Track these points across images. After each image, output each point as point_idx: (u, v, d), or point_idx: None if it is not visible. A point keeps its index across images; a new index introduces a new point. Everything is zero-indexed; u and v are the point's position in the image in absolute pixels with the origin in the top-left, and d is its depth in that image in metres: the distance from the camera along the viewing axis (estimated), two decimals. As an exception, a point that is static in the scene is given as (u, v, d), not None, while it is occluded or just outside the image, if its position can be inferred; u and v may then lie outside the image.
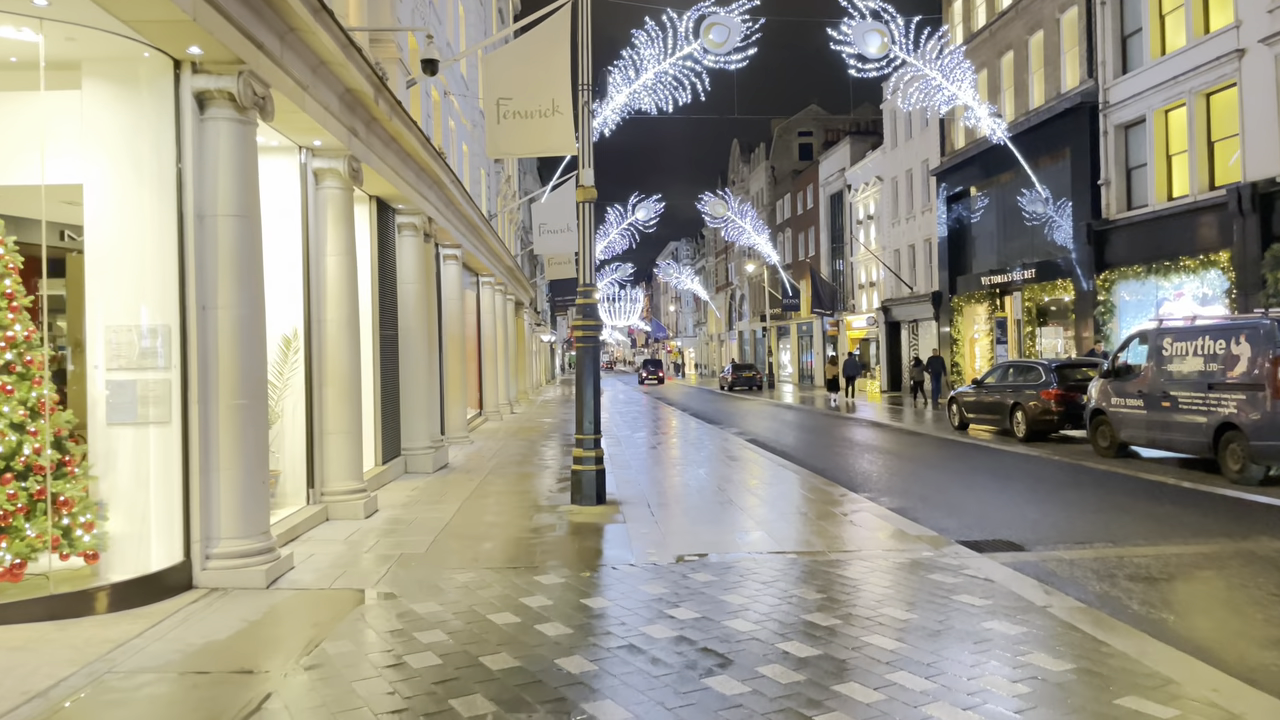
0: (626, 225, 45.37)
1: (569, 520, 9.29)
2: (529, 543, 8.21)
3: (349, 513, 9.38)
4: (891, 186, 40.28)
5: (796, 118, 65.81)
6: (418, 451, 13.37)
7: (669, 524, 8.98)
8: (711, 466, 13.72)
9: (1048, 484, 12.08)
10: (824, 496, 10.60)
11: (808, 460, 15.14)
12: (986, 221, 31.47)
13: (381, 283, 12.45)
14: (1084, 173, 24.72)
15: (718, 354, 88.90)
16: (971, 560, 7.24)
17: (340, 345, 9.55)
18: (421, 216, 13.45)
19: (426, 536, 8.49)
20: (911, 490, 11.85)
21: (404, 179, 12.22)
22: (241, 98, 6.70)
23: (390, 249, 12.98)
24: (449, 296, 17.90)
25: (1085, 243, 24.22)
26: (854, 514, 9.42)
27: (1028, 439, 16.94)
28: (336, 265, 9.56)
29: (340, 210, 9.58)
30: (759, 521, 9.03)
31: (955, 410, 20.06)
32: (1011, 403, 17.42)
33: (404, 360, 13.37)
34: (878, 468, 14.31)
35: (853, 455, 16.09)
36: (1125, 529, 8.96)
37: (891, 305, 39.75)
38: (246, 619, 5.90)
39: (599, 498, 10.14)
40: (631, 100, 21.54)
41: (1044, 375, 16.94)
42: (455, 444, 17.64)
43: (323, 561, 7.46)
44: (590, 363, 10.28)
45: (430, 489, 11.64)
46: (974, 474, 13.27)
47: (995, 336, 26.98)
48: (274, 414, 8.99)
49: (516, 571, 7.07)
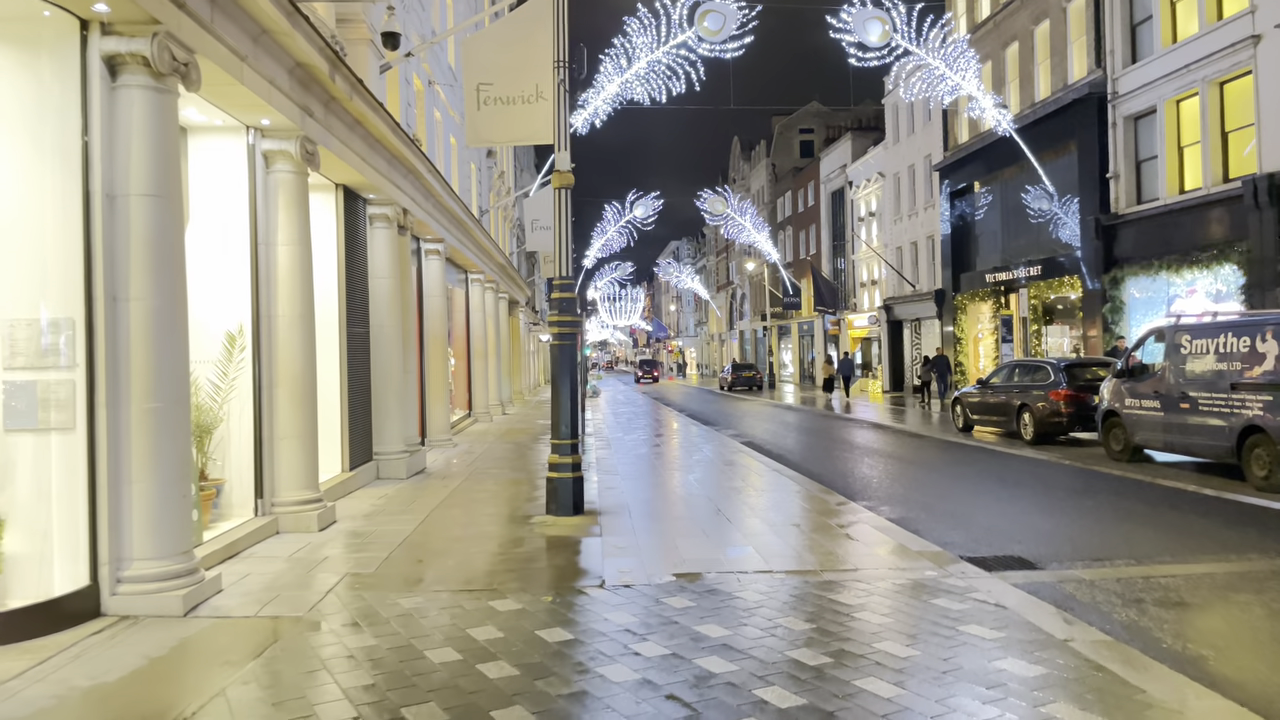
0: (624, 223, 44.74)
1: (541, 534, 8.52)
2: (492, 560, 7.45)
3: (301, 525, 8.62)
4: (894, 182, 39.50)
5: (797, 114, 65.01)
6: (390, 456, 12.61)
7: (650, 538, 8.21)
8: (703, 472, 12.95)
9: (1059, 491, 11.30)
10: (821, 506, 9.83)
11: (805, 465, 14.37)
12: (990, 217, 30.68)
13: (349, 277, 11.70)
14: (1092, 166, 23.91)
15: (719, 353, 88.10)
16: (980, 581, 6.47)
17: (293, 342, 8.80)
18: (395, 207, 12.70)
19: (381, 553, 7.73)
20: (913, 498, 11.08)
21: (373, 166, 11.47)
22: (157, 63, 5.94)
23: (360, 241, 12.23)
24: (431, 293, 17.16)
25: (1093, 238, 23.42)
26: (852, 526, 8.65)
27: (1036, 441, 16.15)
28: (289, 256, 8.80)
29: (293, 196, 8.82)
30: (748, 534, 8.27)
31: (959, 411, 19.28)
32: (1018, 404, 16.64)
33: (376, 359, 12.61)
34: (878, 473, 13.54)
35: (853, 459, 15.32)
36: (1147, 543, 8.18)
37: (894, 304, 38.96)
38: (149, 655, 5.15)
39: (576, 507, 9.38)
40: (624, 90, 20.77)
41: (1053, 375, 16.15)
42: (437, 447, 16.90)
43: (257, 583, 6.70)
44: (567, 361, 9.52)
45: (399, 497, 10.88)
46: (980, 480, 12.50)
47: (1000, 335, 26.19)
48: (217, 418, 8.24)
49: (472, 595, 6.31)
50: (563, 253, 9.60)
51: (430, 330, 17.11)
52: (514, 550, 7.81)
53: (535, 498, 10.60)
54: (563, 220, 9.65)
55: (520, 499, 10.62)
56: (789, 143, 64.59)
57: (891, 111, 39.59)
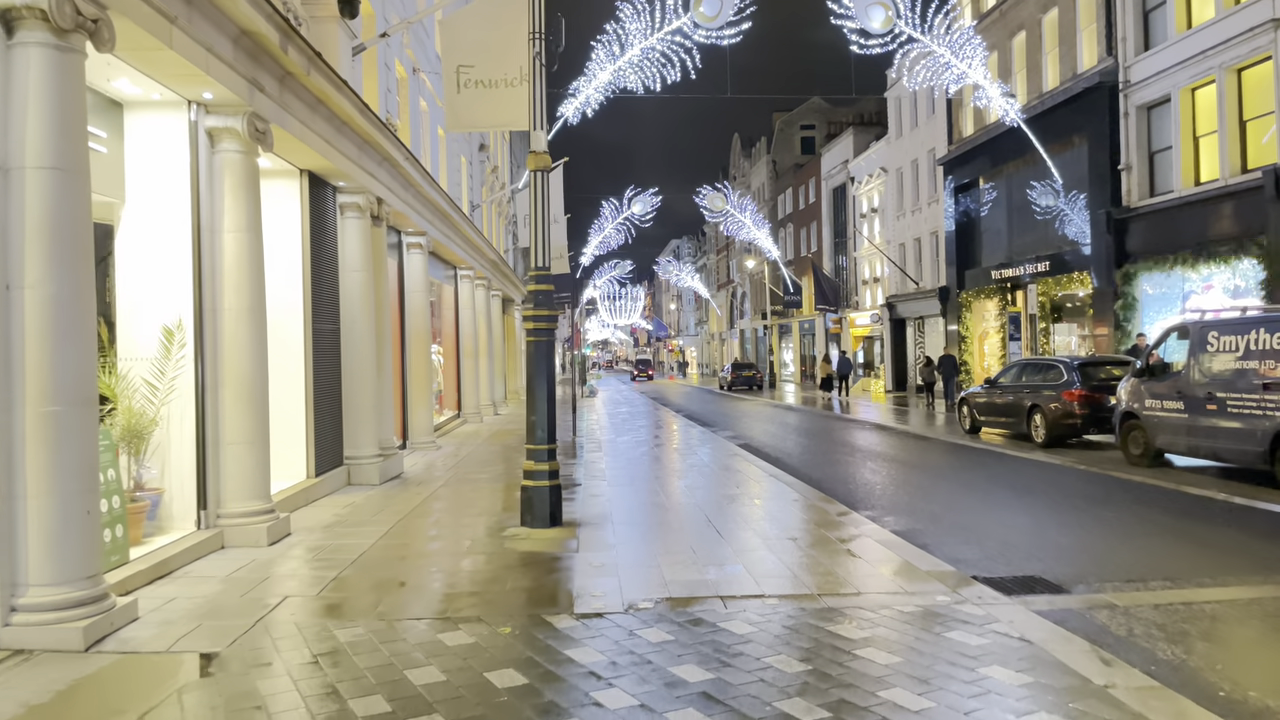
0: (622, 220, 43.98)
1: (512, 549, 7.75)
2: (452, 581, 6.67)
3: (249, 539, 7.85)
4: (896, 178, 38.68)
5: (798, 110, 64.16)
6: (363, 461, 11.84)
7: (631, 554, 7.43)
8: (696, 478, 12.17)
9: (1077, 499, 10.51)
10: (820, 516, 9.04)
11: (805, 470, 13.59)
12: (997, 213, 29.87)
13: (316, 269, 10.93)
14: (1103, 158, 23.10)
15: (719, 353, 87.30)
16: (1000, 608, 5.69)
17: (241, 339, 8.02)
18: (367, 196, 11.92)
19: (330, 571, 6.96)
20: (920, 507, 10.29)
21: (340, 151, 10.70)
22: (58, 17, 5.17)
23: (328, 231, 11.46)
24: (414, 288, 16.39)
25: (1104, 232, 22.61)
26: (854, 540, 7.87)
27: (1048, 444, 15.36)
28: (237, 243, 8.02)
29: (241, 178, 8.05)
30: (740, 550, 7.49)
31: (966, 413, 18.49)
32: (1029, 404, 15.84)
33: (347, 358, 11.84)
34: (882, 479, 12.75)
35: (855, 464, 14.53)
36: (1180, 560, 7.40)
37: (896, 301, 38.15)
38: (28, 702, 4.38)
39: (554, 519, 8.60)
40: (617, 78, 19.99)
41: (1065, 374, 15.36)
42: (420, 449, 16.14)
43: (181, 609, 5.93)
44: (543, 360, 8.73)
45: (367, 505, 10.11)
46: (991, 487, 11.71)
47: (1008, 333, 25.36)
48: (151, 421, 7.46)
49: (422, 624, 5.54)
50: (540, 241, 8.82)
51: (413, 327, 16.34)
52: (479, 569, 7.03)
53: (513, 506, 9.79)
54: (540, 205, 8.86)
55: (496, 508, 9.84)
56: (790, 139, 63.75)
57: (894, 105, 38.78)
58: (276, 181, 10.50)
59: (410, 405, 16.32)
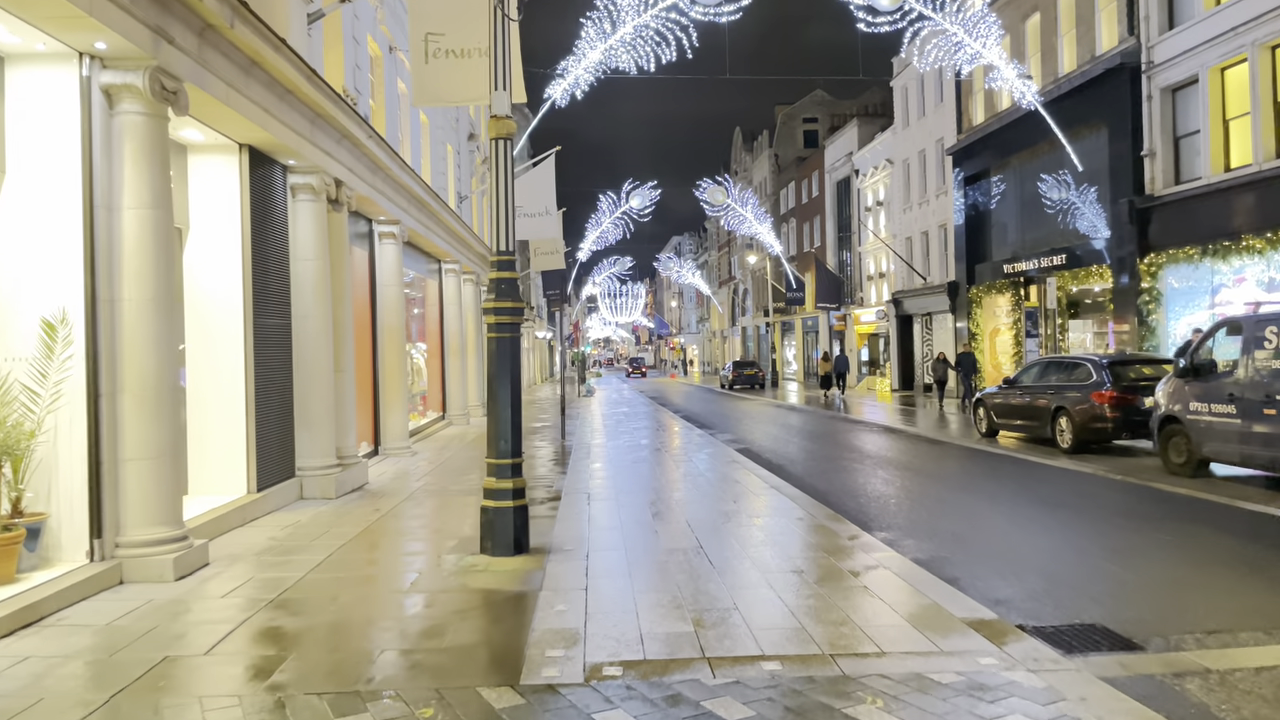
0: (620, 214, 42.77)
1: (463, 584, 6.51)
2: (378, 634, 5.44)
3: (152, 572, 6.62)
4: (903, 169, 37.39)
5: (801, 103, 62.80)
6: (317, 472, 10.60)
7: (605, 594, 6.20)
8: (690, 491, 10.93)
9: (1122, 517, 9.25)
10: (829, 541, 7.80)
11: (810, 480, 12.35)
12: (1009, 204, 28.58)
13: (260, 256, 9.70)
14: (1124, 144, 21.82)
15: (721, 350, 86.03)
16: (1062, 676, 4.46)
17: (146, 335, 6.78)
18: (321, 176, 10.68)
19: (237, 617, 5.73)
20: (942, 527, 9.04)
21: (286, 124, 9.46)
22: None
23: (276, 215, 10.23)
24: (387, 281, 15.17)
25: (1127, 223, 21.32)
26: (869, 572, 6.63)
27: (1075, 450, 14.08)
28: (141, 223, 6.78)
29: (146, 144, 6.81)
30: (736, 587, 6.25)
31: (982, 414, 17.22)
32: (1054, 406, 14.58)
33: (300, 357, 10.61)
34: (896, 490, 11.51)
35: (865, 472, 13.29)
36: (1267, 599, 6.15)
37: (903, 297, 36.87)
38: None
39: (518, 545, 7.37)
40: (608, 58, 18.74)
41: (1094, 373, 14.09)
42: (393, 455, 14.92)
43: (22, 676, 4.70)
44: (506, 360, 7.49)
45: (313, 525, 8.87)
46: (1019, 500, 10.46)
47: (1025, 329, 24.06)
48: (29, 434, 6.23)
49: (322, 703, 4.31)
50: (504, 222, 7.57)
51: (386, 323, 15.12)
52: (418, 615, 5.80)
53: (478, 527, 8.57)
54: (504, 179, 7.62)
55: (461, 528, 8.61)
56: (792, 132, 62.42)
57: (900, 94, 37.47)
58: (210, 157, 9.29)
59: (383, 407, 15.10)
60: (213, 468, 9.21)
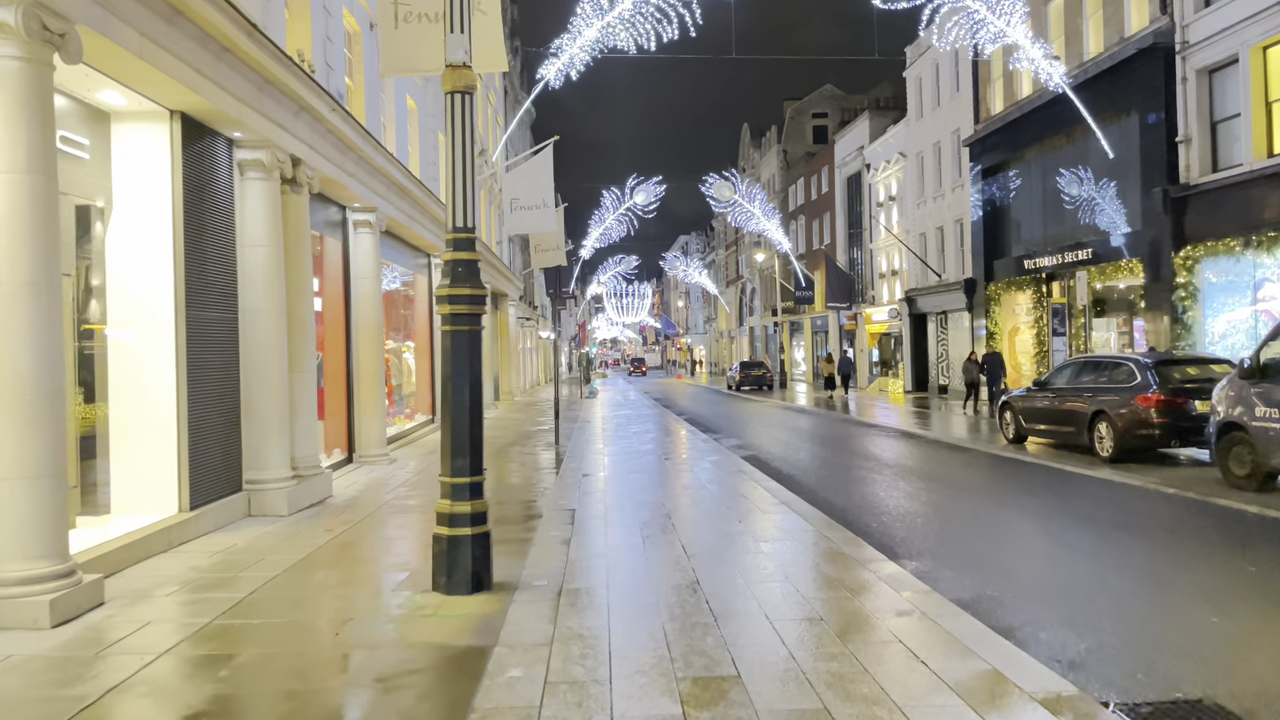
0: (625, 210, 41.61)
1: (403, 637, 5.27)
2: (284, 711, 4.20)
3: (23, 617, 5.39)
4: (916, 163, 36.03)
5: (810, 98, 61.56)
6: (268, 485, 9.37)
7: (574, 651, 4.95)
8: (690, 508, 9.67)
9: (1192, 540, 7.97)
10: (850, 574, 6.53)
11: (824, 493, 11.09)
12: (1029, 197, 27.23)
13: (196, 241, 8.48)
14: (1156, 130, 20.47)
15: (728, 351, 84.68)
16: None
17: (17, 328, 5.56)
18: (273, 151, 9.45)
19: (101, 683, 4.49)
20: (982, 553, 7.77)
21: (224, 87, 8.23)
22: None
23: (218, 194, 9.00)
24: (362, 274, 13.96)
25: (1160, 214, 19.97)
26: (902, 619, 5.36)
27: (1116, 459, 12.77)
28: (12, 189, 5.55)
29: (20, 94, 5.58)
30: (737, 643, 5.00)
31: (1009, 419, 15.91)
32: (1091, 411, 13.26)
33: (249, 355, 9.39)
34: (921, 506, 10.23)
35: (884, 483, 12.01)
36: None
37: (916, 296, 35.52)
38: None
39: (477, 582, 6.12)
40: (605, 36, 17.50)
41: (1138, 374, 12.77)
42: (368, 463, 13.71)
43: None
44: (464, 359, 6.23)
45: (249, 550, 7.64)
46: (1065, 518, 9.16)
47: (1051, 328, 22.69)
48: None
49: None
50: (460, 189, 6.32)
51: (361, 319, 13.91)
52: (332, 686, 4.56)
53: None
54: (462, 141, 6.37)
55: (418, 557, 7.37)
56: (801, 128, 61.13)
57: (914, 84, 36.13)
58: (135, 125, 8.08)
59: (358, 411, 13.89)
60: (136, 483, 8.00)
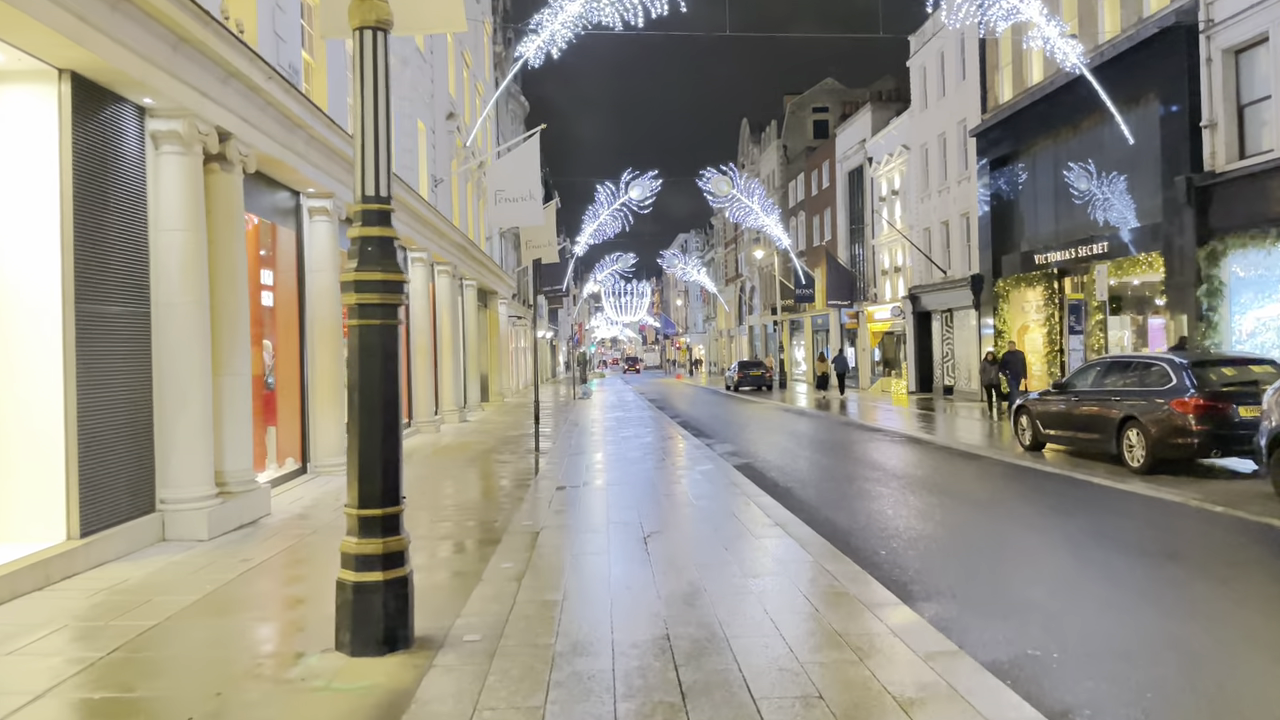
0: (619, 205, 40.46)
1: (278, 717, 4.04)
2: None
3: None
4: (921, 155, 34.78)
5: (810, 92, 60.33)
6: (185, 506, 8.14)
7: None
8: (671, 531, 8.44)
9: (1260, 575, 6.74)
10: (856, 624, 5.29)
11: (825, 509, 9.87)
12: (1040, 188, 25.98)
13: (92, 222, 7.25)
14: (1178, 116, 19.22)
15: (728, 350, 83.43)
16: None
17: None
18: (191, 121, 8.23)
19: None
20: (1014, 593, 6.54)
21: (121, 42, 7.01)
22: None
23: (124, 169, 7.77)
24: (319, 267, 12.74)
25: (1183, 204, 18.72)
26: (919, 694, 4.14)
27: (1149, 470, 11.53)
28: None
29: None
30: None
31: (1025, 424, 14.67)
32: (1120, 416, 12.03)
33: (163, 356, 8.16)
34: (935, 527, 9.00)
35: (891, 497, 10.79)
36: None
37: (920, 293, 34.26)
38: None
39: (390, 638, 4.89)
40: (590, 11, 16.27)
41: (1174, 376, 11.53)
42: (324, 474, 12.51)
43: None
44: (379, 360, 5.01)
45: (142, 587, 6.41)
46: (1106, 546, 7.93)
47: (1067, 325, 21.41)
48: None
49: None
50: (371, 149, 5.10)
51: (317, 316, 12.70)
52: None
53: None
54: (374, 86, 5.14)
55: (336, 596, 6.13)
56: (801, 122, 59.89)
57: (918, 73, 34.87)
58: (14, 86, 6.87)
59: (313, 417, 12.68)
60: (11, 507, 6.77)
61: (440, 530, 8.52)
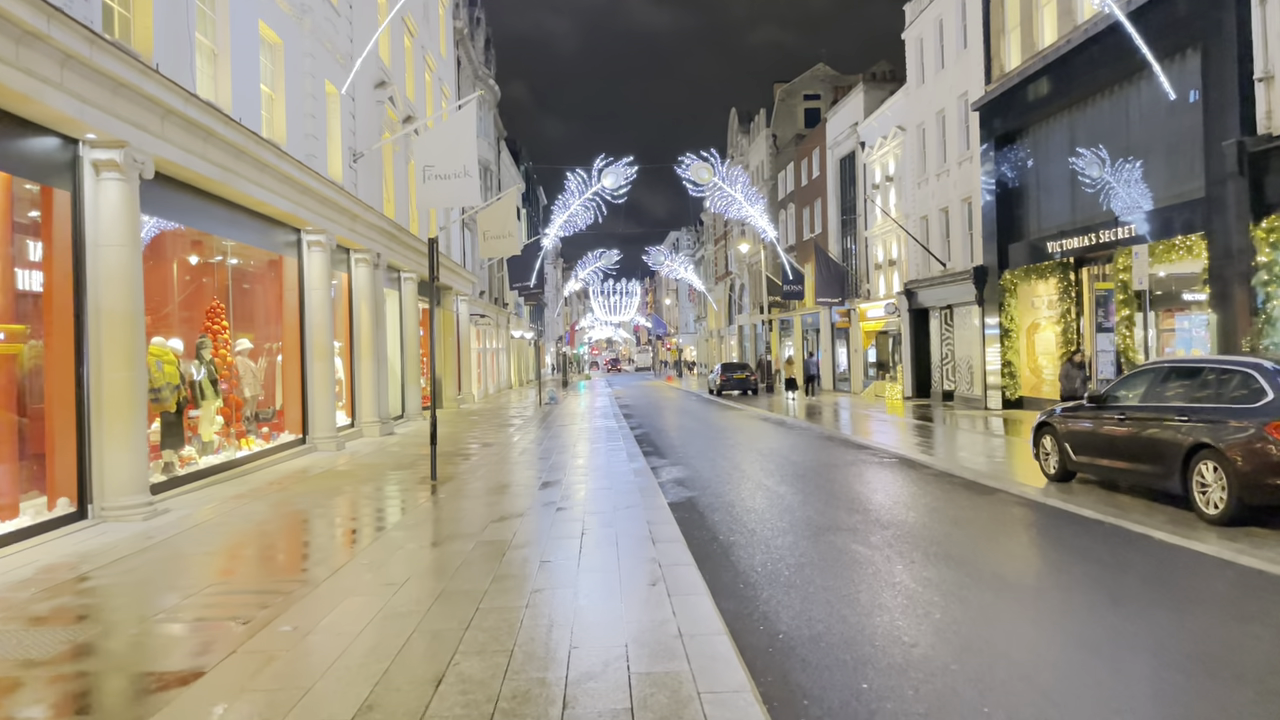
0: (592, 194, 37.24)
1: None
2: None
3: None
4: (918, 135, 31.54)
5: (801, 79, 57.09)
6: None
7: None
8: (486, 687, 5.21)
9: None
10: None
11: (770, 591, 6.63)
12: (1054, 167, 22.74)
13: None
14: (1226, 71, 16.03)
15: (718, 351, 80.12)
16: None
17: None
18: None
19: None
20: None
21: None
22: None
23: None
24: (106, 241, 9.52)
25: (1234, 173, 15.49)
26: None
27: (1229, 520, 8.28)
28: None
29: None
30: None
31: (1051, 447, 11.44)
32: (1189, 444, 8.76)
33: None
34: (947, 643, 5.76)
35: (873, 570, 7.54)
36: None
37: (917, 288, 31.03)
38: None
39: None
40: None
41: (1269, 389, 8.28)
42: (114, 519, 9.28)
43: None
44: None
45: None
46: (1223, 679, 4.70)
47: (1096, 321, 18.13)
48: None
49: None
50: None
51: (105, 306, 9.47)
52: None
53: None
54: None
55: None
56: (792, 111, 56.65)
57: (914, 46, 31.63)
58: None
59: (97, 442, 9.43)
60: None
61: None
